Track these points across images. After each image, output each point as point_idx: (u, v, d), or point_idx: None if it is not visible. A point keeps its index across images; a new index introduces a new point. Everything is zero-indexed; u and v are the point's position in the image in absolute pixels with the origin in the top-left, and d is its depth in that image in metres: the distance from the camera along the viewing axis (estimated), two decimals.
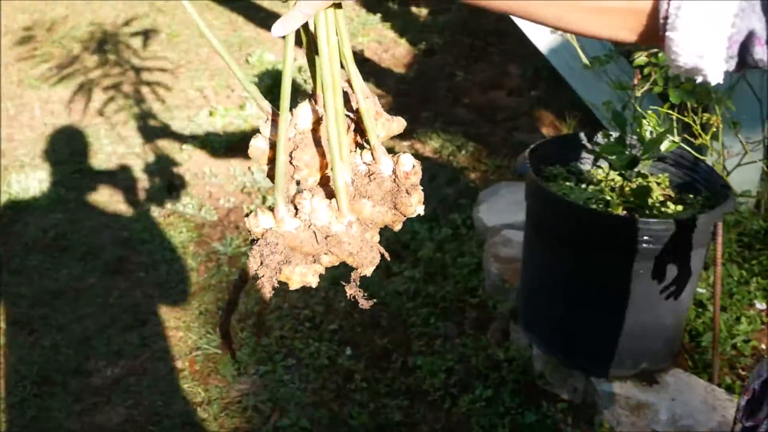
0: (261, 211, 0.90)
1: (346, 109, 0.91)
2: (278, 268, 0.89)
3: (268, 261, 0.89)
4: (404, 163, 0.91)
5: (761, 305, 2.51)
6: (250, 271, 0.90)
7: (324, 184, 0.93)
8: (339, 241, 0.89)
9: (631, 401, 2.18)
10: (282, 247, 0.89)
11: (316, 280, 0.91)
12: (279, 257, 0.89)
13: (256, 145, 0.93)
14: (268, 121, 0.93)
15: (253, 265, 0.90)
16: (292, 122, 0.92)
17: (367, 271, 0.91)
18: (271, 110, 0.93)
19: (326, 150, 0.91)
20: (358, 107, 0.91)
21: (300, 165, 0.91)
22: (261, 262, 0.89)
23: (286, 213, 0.90)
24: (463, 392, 2.43)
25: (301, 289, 0.91)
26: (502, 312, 2.61)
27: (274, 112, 0.92)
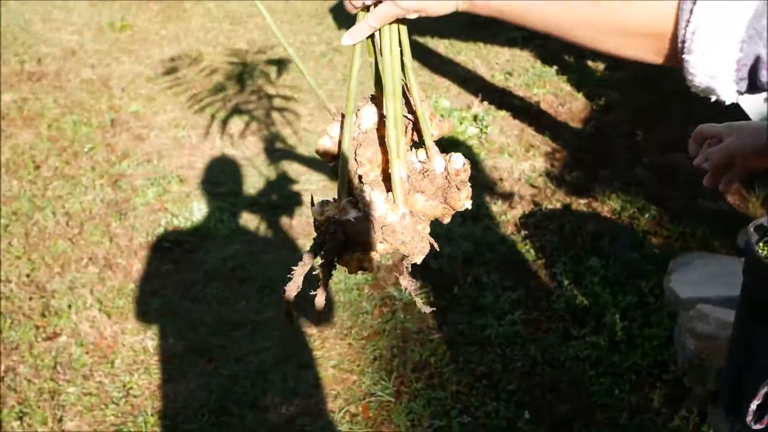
0: (325, 200, 1.00)
1: (405, 112, 1.01)
2: (336, 253, 0.99)
3: (327, 246, 0.98)
4: (455, 162, 1.00)
5: None
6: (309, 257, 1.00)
7: (384, 179, 1.01)
8: (393, 231, 0.98)
9: None
10: (341, 234, 0.98)
11: (373, 267, 1.00)
12: (337, 244, 0.98)
13: (323, 143, 1.04)
14: (335, 123, 1.02)
15: (315, 249, 1.00)
16: (356, 123, 1.01)
17: (417, 259, 1.00)
18: (338, 112, 1.02)
19: (386, 148, 1.00)
20: (415, 110, 1.00)
21: (363, 161, 1.00)
22: (321, 247, 0.99)
23: (347, 203, 0.99)
24: None
25: (477, 344, 0.95)
26: (699, 393, 2.46)
27: (342, 114, 1.01)
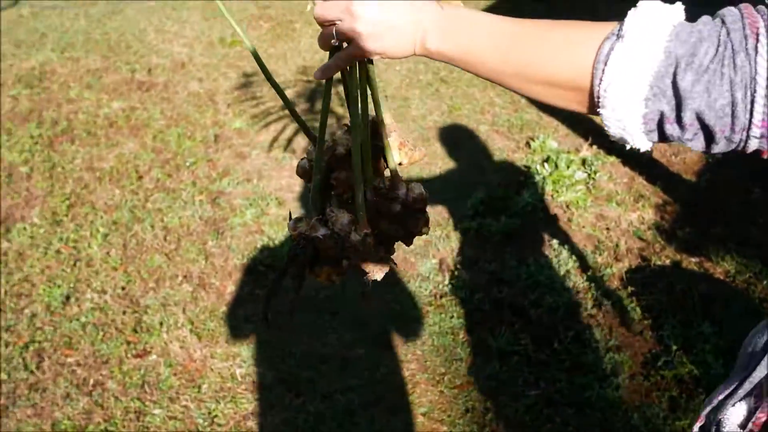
0: (299, 217, 1.12)
1: (376, 140, 1.11)
2: (306, 264, 1.09)
3: (298, 259, 1.09)
4: (413, 190, 1.11)
5: None
6: (283, 266, 1.10)
7: (352, 201, 1.11)
8: (356, 249, 1.07)
9: None
10: (311, 249, 1.08)
11: (339, 279, 1.10)
12: (307, 257, 1.08)
13: (302, 165, 1.17)
14: (313, 148, 1.14)
15: (288, 261, 1.10)
16: (331, 149, 1.12)
17: (377, 276, 1.11)
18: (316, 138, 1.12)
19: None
20: (383, 140, 1.10)
21: (336, 183, 1.12)
22: (293, 259, 1.09)
23: (316, 222, 1.09)
24: None
25: (576, 405, 0.98)
26: None
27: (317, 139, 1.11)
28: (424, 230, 1.12)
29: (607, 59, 0.86)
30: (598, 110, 0.89)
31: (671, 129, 0.85)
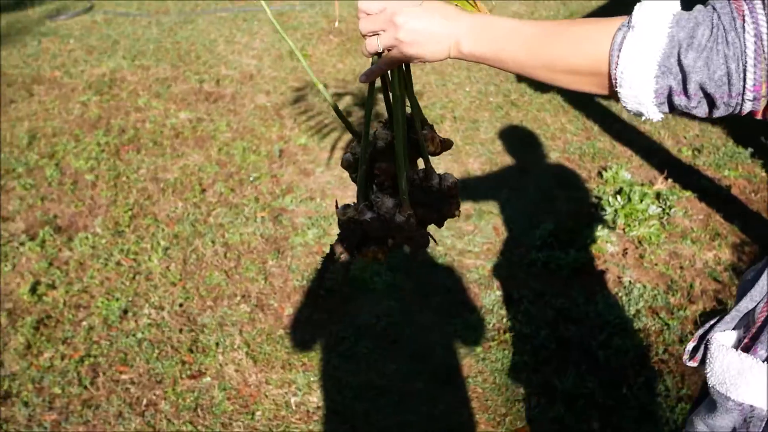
0: (347, 204, 1.22)
1: (411, 134, 1.25)
2: (354, 245, 1.20)
3: (348, 241, 1.20)
4: (447, 180, 1.22)
5: None
6: (336, 248, 1.22)
7: (394, 188, 1.23)
8: (400, 229, 1.18)
9: None
10: (359, 231, 1.19)
11: (383, 258, 1.21)
12: (356, 239, 1.20)
13: (346, 158, 1.29)
14: (356, 143, 1.27)
15: (337, 244, 1.21)
16: (372, 143, 1.24)
17: (419, 252, 1.21)
18: (359, 134, 1.26)
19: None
20: (418, 134, 1.24)
21: (378, 173, 1.23)
22: (342, 241, 1.21)
23: (364, 207, 1.20)
24: None
25: None
26: None
27: (361, 135, 1.25)
28: (456, 213, 1.24)
29: (621, 46, 1.00)
30: (616, 89, 1.02)
31: (679, 100, 0.99)
